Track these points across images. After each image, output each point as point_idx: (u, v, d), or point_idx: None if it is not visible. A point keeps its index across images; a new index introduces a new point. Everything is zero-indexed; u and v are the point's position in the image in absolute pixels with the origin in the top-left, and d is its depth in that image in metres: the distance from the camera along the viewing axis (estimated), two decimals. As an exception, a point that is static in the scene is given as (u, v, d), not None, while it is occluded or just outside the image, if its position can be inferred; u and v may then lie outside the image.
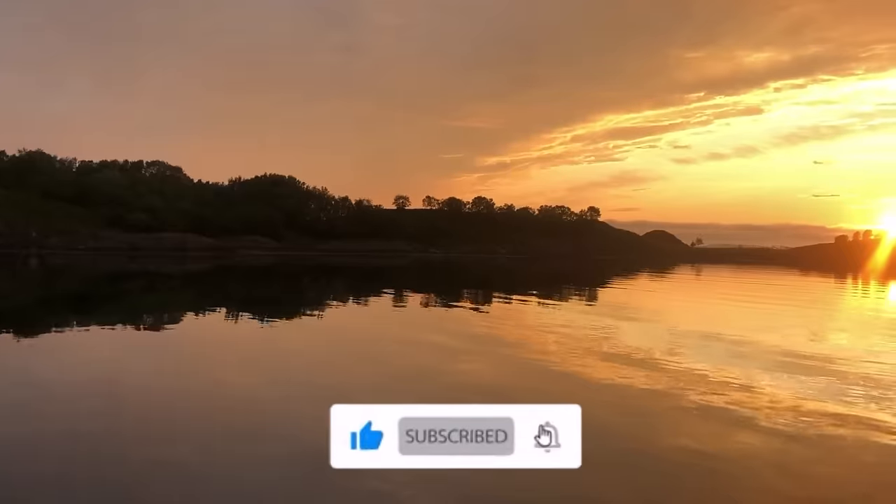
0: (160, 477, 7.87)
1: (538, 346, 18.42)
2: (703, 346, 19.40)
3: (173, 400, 11.66)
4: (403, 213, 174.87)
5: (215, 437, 9.49)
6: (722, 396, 12.52)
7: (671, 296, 45.81)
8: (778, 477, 8.34)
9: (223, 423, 10.16)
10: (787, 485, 8.09)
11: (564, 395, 12.66)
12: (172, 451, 8.71)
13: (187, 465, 8.28)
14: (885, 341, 22.11)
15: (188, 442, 9.17)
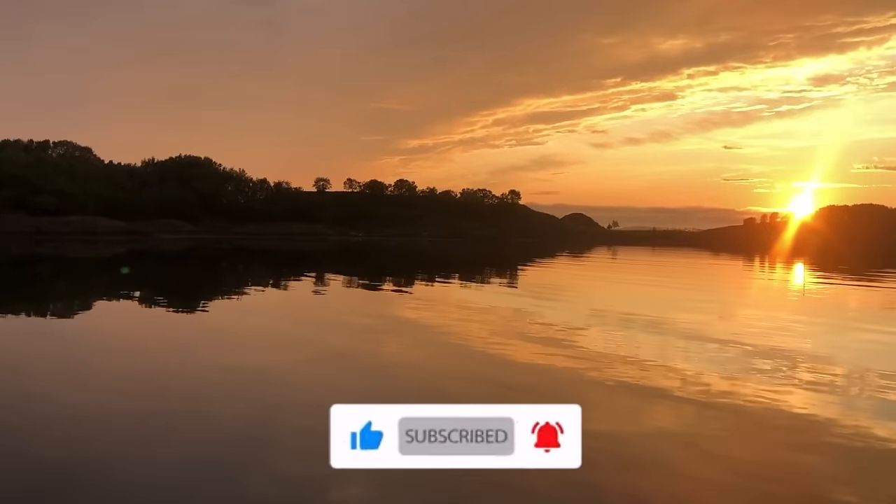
0: (76, 469, 7.59)
1: (461, 328, 18.55)
2: (620, 325, 19.91)
3: (86, 383, 11.24)
4: (324, 196, 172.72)
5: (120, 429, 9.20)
6: (635, 374, 12.88)
7: (589, 277, 46.82)
8: (689, 455, 8.64)
9: (133, 412, 9.86)
10: (698, 463, 8.39)
11: (487, 374, 12.78)
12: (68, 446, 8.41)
13: (108, 461, 8.01)
14: (790, 319, 23.18)
15: (102, 437, 8.87)
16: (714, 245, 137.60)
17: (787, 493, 7.31)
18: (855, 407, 10.85)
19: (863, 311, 27.45)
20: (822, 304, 30.62)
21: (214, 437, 8.79)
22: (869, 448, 8.77)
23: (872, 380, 12.79)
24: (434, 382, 12.11)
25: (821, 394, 11.65)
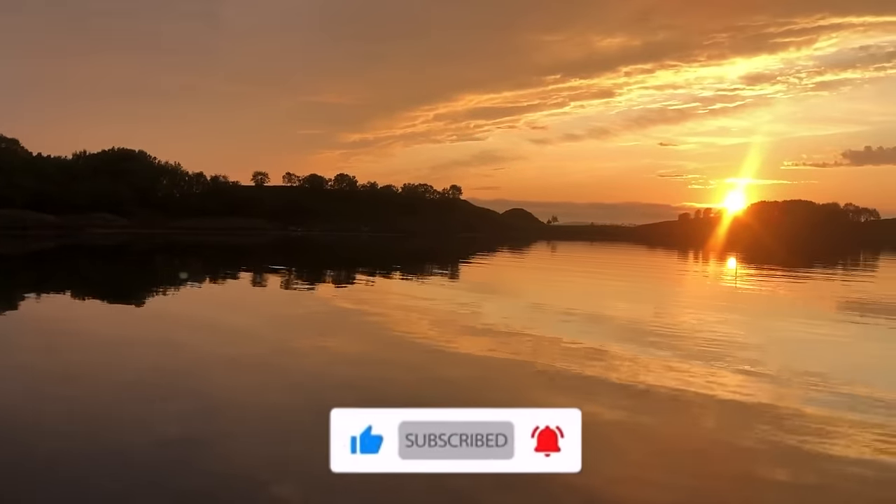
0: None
1: (401, 322, 18.52)
2: (560, 319, 20.17)
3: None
4: (262, 190, 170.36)
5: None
6: (574, 366, 13.07)
7: (529, 272, 47.30)
8: (625, 441, 8.81)
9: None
10: (637, 447, 8.57)
11: (427, 369, 12.80)
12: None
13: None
14: (722, 312, 23.84)
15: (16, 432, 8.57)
16: (650, 240, 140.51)
17: (721, 472, 7.53)
18: (784, 395, 11.22)
19: (791, 304, 28.40)
20: (752, 297, 31.58)
21: (145, 438, 8.58)
22: (798, 431, 9.08)
23: (800, 369, 13.25)
24: (371, 375, 12.06)
25: (752, 383, 12.02)
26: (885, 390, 11.67)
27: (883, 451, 8.40)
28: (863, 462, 8.04)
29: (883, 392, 11.53)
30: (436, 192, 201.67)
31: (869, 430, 9.30)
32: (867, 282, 41.11)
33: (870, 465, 7.93)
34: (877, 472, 7.75)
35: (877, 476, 7.61)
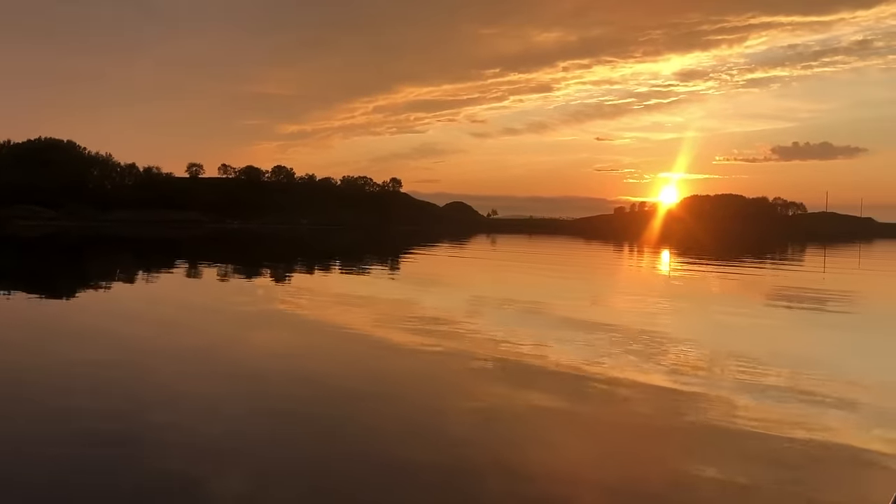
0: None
1: (340, 316, 18.36)
2: (499, 311, 20.29)
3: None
4: (198, 182, 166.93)
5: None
6: (512, 358, 13.15)
7: (469, 265, 47.48)
8: (562, 434, 8.89)
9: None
10: (570, 442, 8.65)
11: (363, 361, 12.70)
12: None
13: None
14: (656, 303, 24.34)
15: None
16: (587, 233, 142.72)
17: (651, 470, 7.64)
18: (715, 386, 11.49)
19: (722, 295, 29.18)
20: (685, 289, 32.33)
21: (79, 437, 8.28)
22: (728, 425, 9.30)
23: (730, 360, 13.60)
24: (308, 368, 11.91)
25: (684, 374, 12.27)
26: (810, 375, 12.07)
27: (810, 436, 8.67)
28: (790, 447, 8.28)
29: (807, 377, 11.92)
30: (375, 184, 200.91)
31: (795, 414, 9.59)
32: (794, 273, 42.55)
33: (797, 453, 8.17)
34: (802, 460, 7.98)
35: (802, 464, 7.84)
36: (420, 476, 7.21)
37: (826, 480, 7.34)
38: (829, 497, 6.90)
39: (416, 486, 6.95)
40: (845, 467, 7.75)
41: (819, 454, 8.12)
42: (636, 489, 7.04)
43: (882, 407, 10.34)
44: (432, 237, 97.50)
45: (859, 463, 7.89)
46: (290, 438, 8.31)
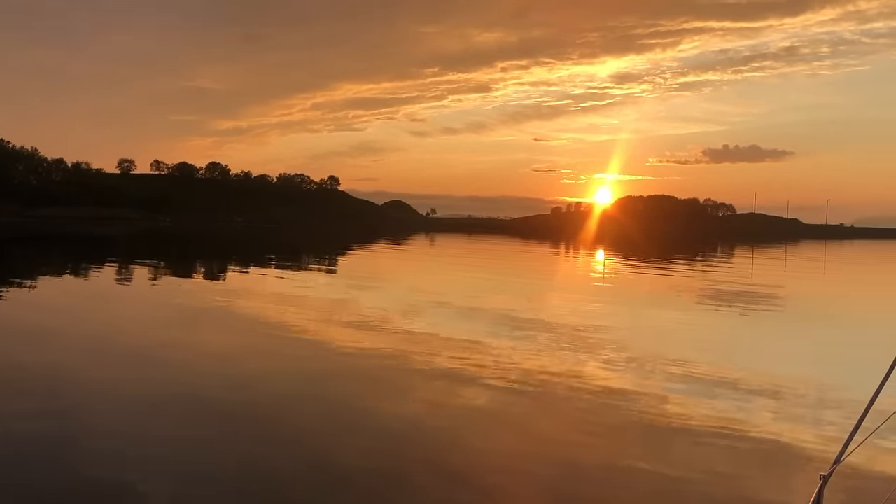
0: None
1: (275, 316, 18.14)
2: (437, 310, 20.34)
3: None
4: (129, 178, 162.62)
5: None
6: (450, 357, 13.22)
7: (408, 263, 47.45)
8: (498, 431, 8.99)
9: None
10: (506, 437, 8.75)
11: (299, 362, 12.58)
12: None
13: None
14: (591, 301, 24.77)
15: None
16: (525, 232, 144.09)
17: (586, 462, 7.80)
18: (648, 381, 11.78)
19: (654, 294, 29.86)
20: (619, 287, 32.99)
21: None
22: (659, 419, 9.55)
23: (662, 356, 13.95)
24: (243, 369, 11.74)
25: (617, 370, 12.54)
26: (736, 370, 12.48)
27: (737, 428, 8.97)
28: (718, 440, 8.55)
29: (734, 372, 12.32)
30: (313, 182, 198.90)
31: (723, 408, 9.91)
32: (723, 273, 43.82)
33: (725, 445, 8.44)
34: (730, 451, 8.26)
35: (730, 455, 8.11)
36: (354, 478, 7.19)
37: (752, 471, 7.60)
38: (754, 486, 7.15)
39: (349, 488, 6.93)
40: (770, 458, 8.04)
41: (745, 446, 8.40)
42: (571, 483, 7.17)
43: (805, 400, 10.76)
44: (371, 236, 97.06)
45: (783, 453, 8.20)
46: (222, 440, 8.18)
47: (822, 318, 22.17)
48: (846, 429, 2.44)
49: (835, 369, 13.44)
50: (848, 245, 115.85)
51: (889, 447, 8.14)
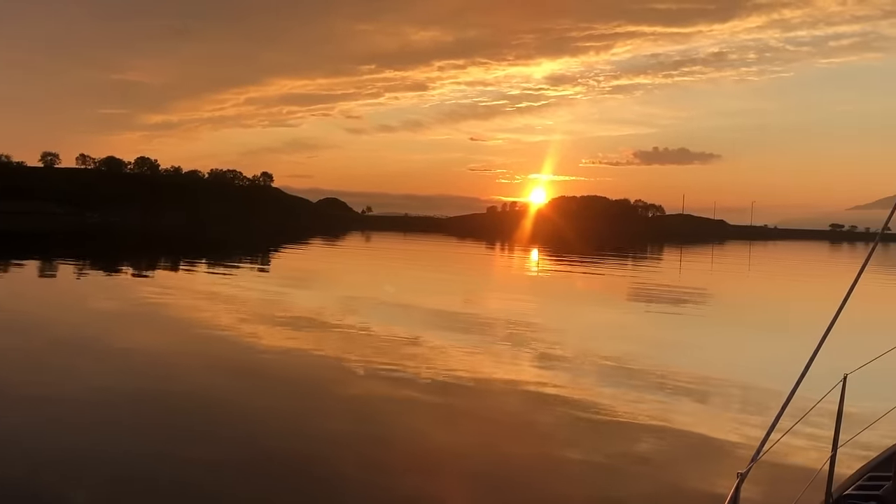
0: None
1: (207, 315, 17.83)
2: (372, 309, 20.30)
3: None
4: (52, 172, 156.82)
5: None
6: (385, 356, 13.22)
7: (343, 262, 47.16)
8: (433, 428, 9.06)
9: None
10: (442, 434, 8.83)
11: (231, 363, 12.41)
12: None
13: None
14: (526, 299, 25.10)
15: None
16: (461, 231, 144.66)
17: (521, 454, 7.94)
18: (579, 378, 12.02)
19: (586, 292, 30.43)
20: (553, 286, 33.50)
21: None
22: (592, 415, 9.77)
23: (593, 353, 14.25)
24: (174, 371, 11.52)
25: (550, 367, 12.77)
26: (664, 367, 12.85)
27: (662, 423, 9.26)
28: (645, 432, 8.81)
29: (662, 369, 12.69)
30: (246, 178, 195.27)
31: (650, 402, 10.21)
32: (652, 271, 44.93)
33: (651, 438, 8.70)
34: (656, 443, 8.52)
35: (655, 447, 8.37)
36: (287, 475, 7.15)
37: (676, 462, 7.87)
38: (677, 475, 7.41)
39: (281, 485, 6.89)
40: (694, 451, 8.34)
41: (671, 439, 8.68)
42: (504, 476, 7.30)
43: (727, 395, 11.16)
44: (305, 233, 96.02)
45: (705, 445, 8.51)
46: (149, 439, 8.03)
47: (745, 318, 22.96)
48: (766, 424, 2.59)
49: (757, 367, 13.96)
50: (772, 246, 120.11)
51: (805, 443, 8.52)
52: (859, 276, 3.49)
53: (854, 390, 3.63)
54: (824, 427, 7.89)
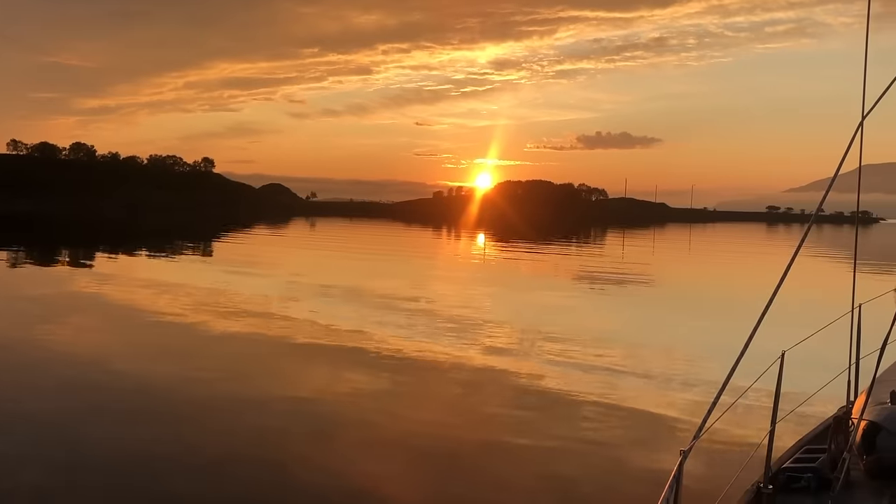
0: None
1: (150, 304, 17.46)
2: (319, 295, 20.14)
3: None
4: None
5: None
6: (330, 342, 13.16)
7: (288, 248, 46.62)
8: (379, 415, 9.06)
9: None
10: (388, 420, 8.84)
11: (174, 351, 12.20)
12: None
13: None
14: (473, 284, 25.22)
15: None
16: (407, 216, 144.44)
17: (469, 439, 8.00)
18: (525, 360, 12.15)
19: (532, 276, 30.73)
20: (499, 270, 33.71)
21: None
22: (539, 397, 9.90)
23: (540, 336, 14.42)
24: (114, 360, 11.26)
25: (496, 350, 12.88)
26: (609, 349, 13.08)
27: (610, 402, 9.43)
28: (592, 412, 8.96)
29: (607, 350, 12.91)
30: (186, 164, 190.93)
31: (597, 383, 10.39)
32: (596, 255, 45.59)
33: (599, 417, 8.85)
34: (604, 422, 8.67)
35: (604, 427, 8.52)
36: (229, 465, 7.08)
37: (621, 441, 8.03)
38: (623, 455, 7.57)
39: (224, 475, 6.81)
40: (638, 428, 8.53)
41: (616, 418, 8.86)
42: (450, 456, 7.36)
43: (671, 375, 11.42)
44: (248, 220, 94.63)
45: (650, 424, 8.71)
46: (87, 432, 7.85)
47: (687, 299, 23.49)
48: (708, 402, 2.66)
49: (699, 346, 14.31)
50: (711, 228, 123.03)
51: (746, 419, 8.77)
52: (795, 257, 3.58)
53: (791, 367, 3.74)
54: (764, 403, 8.16)
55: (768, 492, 3.58)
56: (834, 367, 4.79)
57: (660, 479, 6.69)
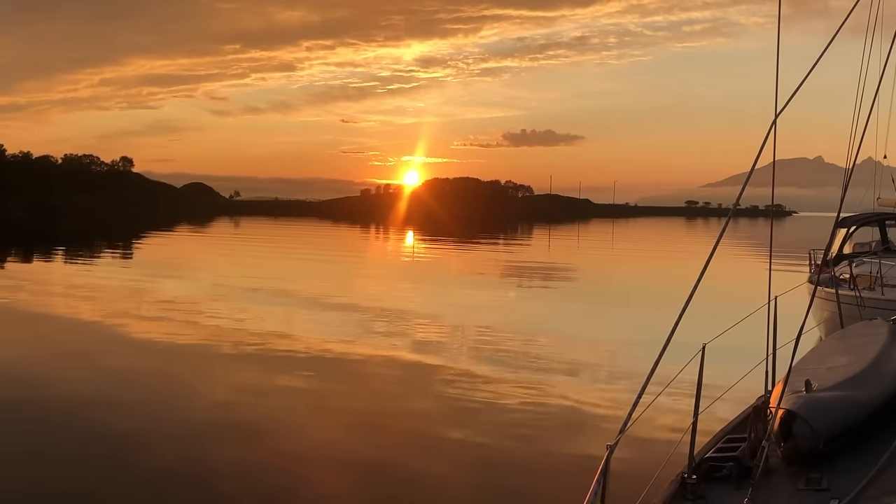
0: None
1: (66, 310, 16.83)
2: (245, 296, 19.75)
3: None
4: None
5: None
6: (258, 345, 12.91)
7: (212, 249, 45.62)
8: (309, 414, 8.94)
9: None
10: (318, 419, 8.73)
11: (93, 357, 11.76)
12: None
13: None
14: (401, 282, 25.15)
15: None
16: (334, 215, 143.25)
17: (398, 436, 7.97)
18: (456, 358, 12.19)
19: (460, 272, 30.86)
20: (428, 267, 33.76)
21: None
22: (468, 392, 9.92)
23: (469, 333, 14.48)
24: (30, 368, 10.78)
25: (428, 348, 12.87)
26: (537, 345, 13.23)
27: (539, 398, 9.52)
28: (522, 408, 9.03)
29: (535, 346, 13.06)
30: (104, 163, 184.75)
31: (526, 379, 10.48)
32: (523, 251, 46.15)
33: (529, 413, 8.92)
34: (533, 418, 8.75)
35: (533, 422, 8.59)
36: (154, 476, 6.85)
37: (550, 436, 8.12)
38: (551, 450, 7.67)
39: (149, 486, 6.60)
40: (566, 423, 8.64)
41: (544, 414, 8.96)
42: (380, 456, 7.31)
43: (596, 369, 11.63)
44: (169, 220, 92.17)
45: (577, 419, 8.84)
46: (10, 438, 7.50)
47: (610, 293, 23.97)
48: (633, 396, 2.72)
49: (623, 340, 14.59)
50: (633, 223, 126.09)
51: (670, 411, 8.97)
52: (714, 250, 3.66)
53: (712, 359, 3.82)
54: (687, 395, 8.36)
55: (692, 482, 3.65)
56: (752, 357, 4.92)
57: (589, 472, 6.80)
